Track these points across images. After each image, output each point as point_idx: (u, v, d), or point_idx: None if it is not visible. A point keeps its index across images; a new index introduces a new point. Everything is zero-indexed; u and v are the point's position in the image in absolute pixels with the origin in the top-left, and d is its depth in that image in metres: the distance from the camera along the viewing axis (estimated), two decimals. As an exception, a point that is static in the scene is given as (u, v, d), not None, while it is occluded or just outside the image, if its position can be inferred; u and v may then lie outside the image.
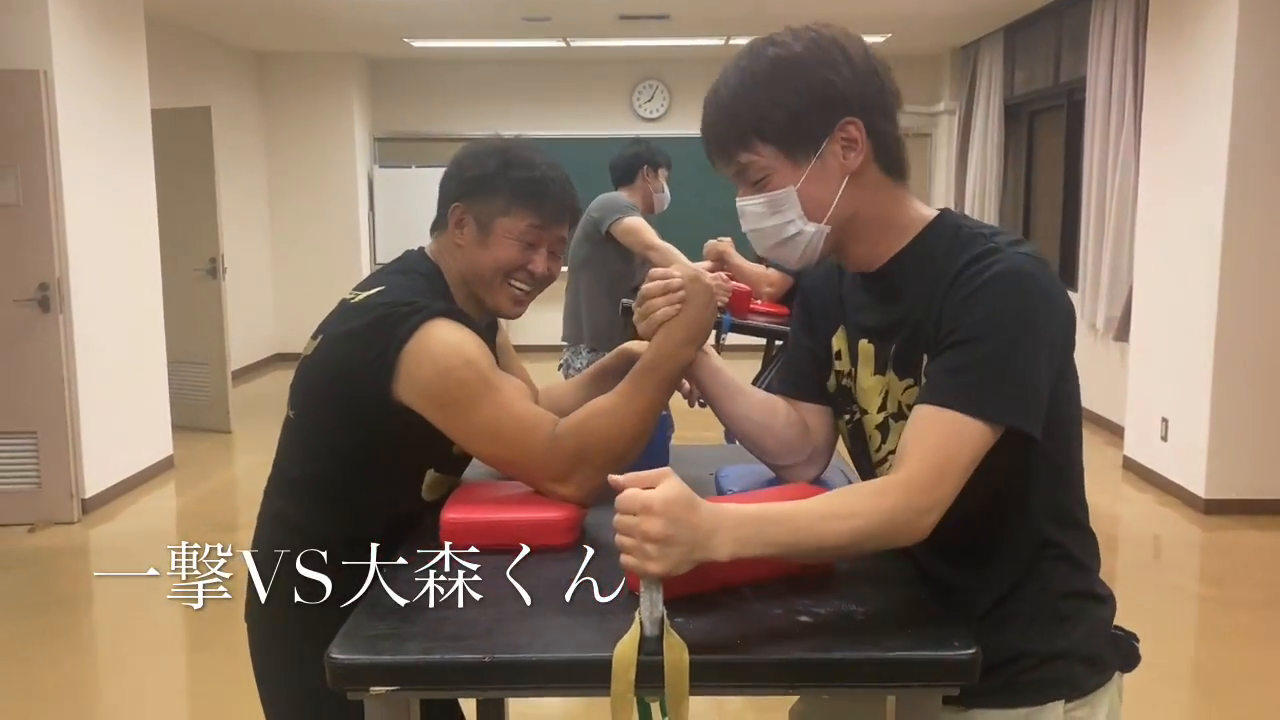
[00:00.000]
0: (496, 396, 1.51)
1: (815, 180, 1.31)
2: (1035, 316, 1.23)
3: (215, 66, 8.54)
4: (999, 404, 1.21)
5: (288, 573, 1.56)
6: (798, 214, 1.32)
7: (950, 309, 1.26)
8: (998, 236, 1.30)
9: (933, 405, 1.23)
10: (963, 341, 1.23)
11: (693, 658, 1.09)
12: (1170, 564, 4.67)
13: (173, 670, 3.62)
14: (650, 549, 1.10)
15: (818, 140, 1.30)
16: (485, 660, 1.11)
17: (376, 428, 1.56)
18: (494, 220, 1.66)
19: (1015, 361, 1.22)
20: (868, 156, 1.31)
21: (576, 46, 8.92)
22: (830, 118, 1.29)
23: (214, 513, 5.41)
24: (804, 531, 1.16)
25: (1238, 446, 5.01)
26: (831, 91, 1.29)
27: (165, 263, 6.08)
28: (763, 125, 1.30)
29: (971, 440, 1.20)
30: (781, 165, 1.31)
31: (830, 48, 1.30)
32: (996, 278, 1.23)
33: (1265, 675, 3.48)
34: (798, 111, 1.29)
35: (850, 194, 1.32)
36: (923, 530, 1.19)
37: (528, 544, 1.43)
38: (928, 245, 1.34)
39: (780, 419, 1.55)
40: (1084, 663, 1.35)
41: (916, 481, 1.19)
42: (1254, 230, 4.88)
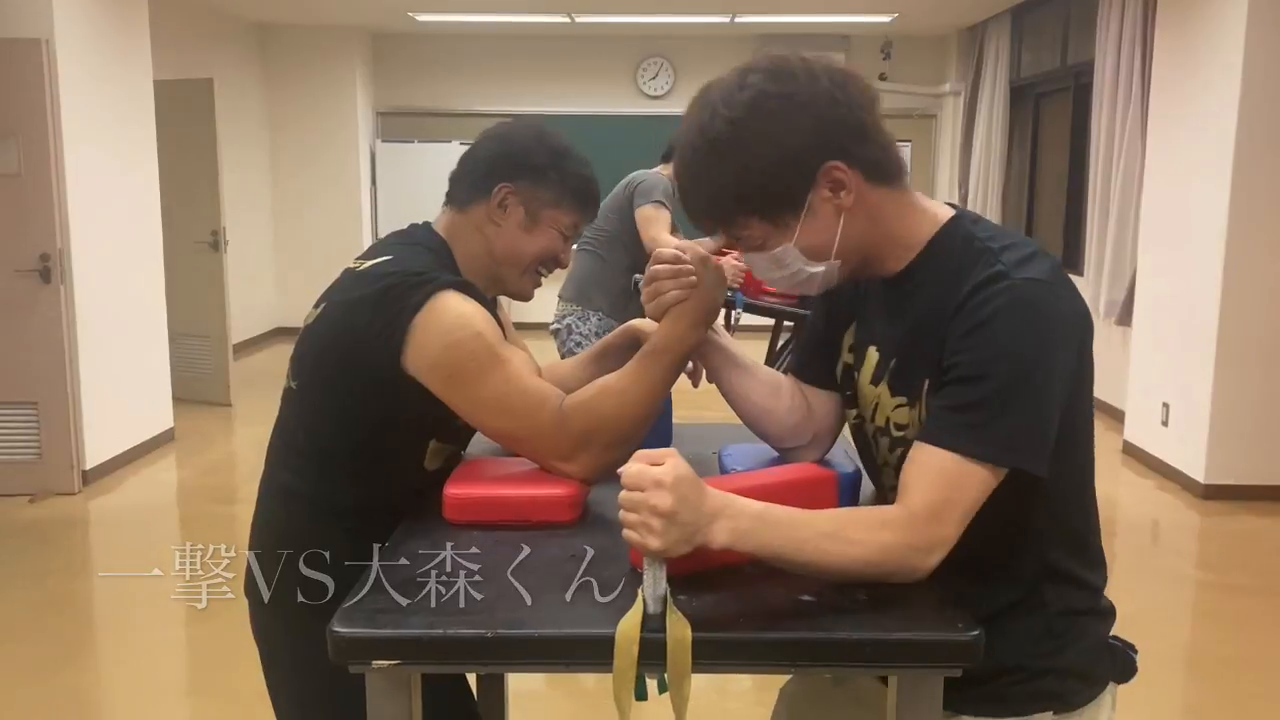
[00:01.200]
0: (504, 370, 1.50)
1: (810, 231, 1.28)
2: (1042, 352, 1.20)
3: (217, 38, 8.49)
4: (1003, 446, 1.19)
5: (292, 565, 1.56)
6: (803, 262, 1.31)
7: (955, 340, 1.23)
8: (1006, 254, 1.25)
9: (934, 446, 1.21)
10: (966, 379, 1.20)
11: (695, 635, 1.09)
12: (1169, 549, 4.68)
13: (173, 640, 3.63)
14: (655, 523, 1.10)
15: (800, 198, 1.26)
16: (488, 635, 1.11)
17: (383, 397, 1.54)
18: (543, 210, 1.67)
19: (1021, 401, 1.19)
20: (859, 182, 1.27)
21: (582, 22, 8.87)
22: (805, 173, 1.25)
23: (214, 485, 5.42)
24: (801, 545, 1.16)
25: (1238, 432, 5.01)
26: (794, 150, 1.24)
27: (167, 235, 6.07)
28: (741, 204, 1.27)
29: (974, 483, 1.19)
30: (772, 230, 1.29)
31: (775, 104, 1.23)
32: (1002, 311, 1.20)
33: (1262, 660, 3.50)
34: (768, 182, 1.25)
35: (852, 224, 1.29)
36: (923, 570, 1.19)
37: (530, 520, 1.44)
38: (939, 257, 1.31)
39: (784, 403, 1.55)
40: (1076, 678, 1.35)
41: (918, 521, 1.19)
42: (1260, 216, 4.87)
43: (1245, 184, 4.84)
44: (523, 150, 1.69)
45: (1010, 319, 1.19)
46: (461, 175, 1.73)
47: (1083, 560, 1.37)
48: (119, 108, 5.56)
